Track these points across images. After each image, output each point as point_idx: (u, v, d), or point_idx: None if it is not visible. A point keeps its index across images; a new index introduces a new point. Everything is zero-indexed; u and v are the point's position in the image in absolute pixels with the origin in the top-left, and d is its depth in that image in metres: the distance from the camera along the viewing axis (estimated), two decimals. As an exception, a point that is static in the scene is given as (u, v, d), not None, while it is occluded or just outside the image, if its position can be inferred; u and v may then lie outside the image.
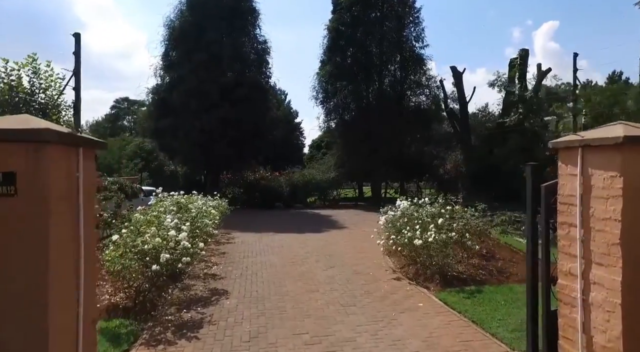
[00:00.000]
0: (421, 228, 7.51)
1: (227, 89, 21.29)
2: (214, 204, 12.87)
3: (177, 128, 20.97)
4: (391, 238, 7.87)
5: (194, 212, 7.57)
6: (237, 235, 13.19)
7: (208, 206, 9.77)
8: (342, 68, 24.34)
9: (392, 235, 8.13)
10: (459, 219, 8.03)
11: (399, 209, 8.62)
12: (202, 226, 7.86)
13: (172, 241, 5.72)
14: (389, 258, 9.46)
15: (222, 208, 13.02)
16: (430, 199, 8.67)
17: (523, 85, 16.40)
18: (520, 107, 16.16)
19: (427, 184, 26.51)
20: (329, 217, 18.35)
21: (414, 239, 7.25)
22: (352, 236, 12.86)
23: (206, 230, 8.01)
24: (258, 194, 23.95)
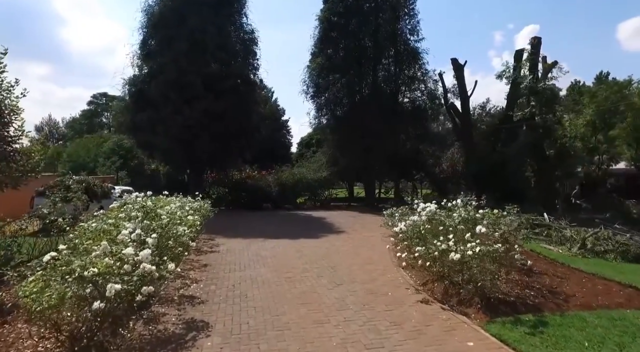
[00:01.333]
0: (456, 238, 5.90)
1: (211, 80, 19.33)
2: (195, 206, 11.04)
3: (156, 122, 18.92)
4: (416, 250, 6.20)
5: (165, 219, 5.76)
6: (222, 241, 11.39)
7: (185, 210, 7.94)
8: (334, 61, 22.69)
9: (417, 246, 6.49)
10: (494, 224, 6.43)
11: (422, 212, 6.94)
12: (176, 237, 6.06)
13: (129, 262, 3.95)
14: (404, 271, 7.86)
15: (204, 211, 11.20)
16: (463, 201, 7.02)
17: (535, 77, 15.06)
18: (532, 100, 14.84)
19: (422, 183, 25.06)
20: (322, 219, 16.67)
21: (449, 251, 5.63)
22: (354, 243, 11.20)
23: (182, 241, 6.21)
24: (245, 194, 22.13)
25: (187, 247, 6.73)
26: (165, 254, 5.38)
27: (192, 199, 12.16)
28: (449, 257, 5.54)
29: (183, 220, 6.82)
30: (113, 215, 5.58)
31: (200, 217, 10.46)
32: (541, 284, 6.35)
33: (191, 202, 11.14)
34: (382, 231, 12.84)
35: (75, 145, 33.82)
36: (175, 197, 10.97)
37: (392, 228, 10.45)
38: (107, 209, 8.77)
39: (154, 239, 4.70)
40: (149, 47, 20.27)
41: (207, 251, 10.03)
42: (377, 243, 10.92)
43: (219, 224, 14.59)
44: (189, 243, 6.50)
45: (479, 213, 6.56)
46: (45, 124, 49.19)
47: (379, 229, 13.25)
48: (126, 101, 20.53)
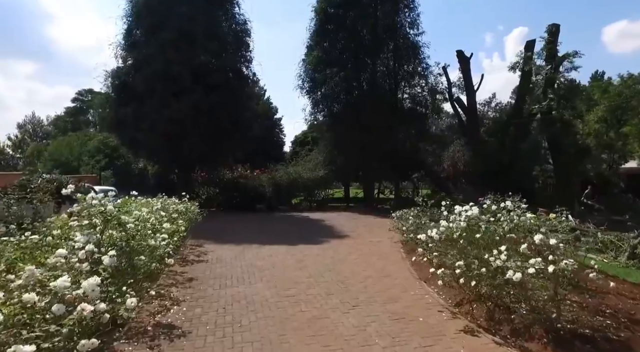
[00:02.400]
0: (511, 251, 4.57)
1: (200, 72, 17.87)
2: (181, 209, 9.60)
3: (141, 117, 17.38)
4: (457, 265, 4.84)
5: (133, 229, 4.31)
6: (211, 248, 9.94)
7: (167, 214, 6.52)
8: (331, 54, 21.34)
9: (454, 258, 5.15)
10: (553, 232, 5.12)
11: (459, 217, 5.59)
12: (151, 251, 4.63)
13: (66, 299, 2.53)
14: (428, 286, 6.54)
15: (191, 214, 9.77)
16: (514, 205, 5.69)
17: (553, 68, 13.90)
18: (550, 93, 13.71)
19: (422, 183, 23.83)
20: (321, 221, 15.30)
21: (505, 270, 4.30)
22: (361, 249, 9.83)
23: (158, 253, 4.80)
24: (237, 194, 20.66)
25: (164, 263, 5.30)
26: (131, 276, 3.95)
27: (179, 200, 10.77)
28: (506, 276, 4.21)
29: (158, 228, 5.36)
30: (59, 224, 4.15)
31: (186, 222, 9.06)
32: (611, 307, 5.06)
33: (176, 203, 9.72)
34: (389, 235, 11.57)
35: (57, 143, 31.95)
36: (158, 199, 9.54)
37: (408, 234, 9.19)
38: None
39: (112, 258, 3.29)
40: (134, 37, 18.71)
41: (193, 260, 8.58)
42: (388, 250, 9.59)
43: (208, 227, 13.18)
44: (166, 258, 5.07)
45: (532, 218, 5.24)
46: (28, 122, 46.97)
47: (385, 233, 11.97)
48: (109, 95, 18.89)
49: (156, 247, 4.72)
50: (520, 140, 16.88)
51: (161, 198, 9.68)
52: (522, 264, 4.33)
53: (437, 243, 5.71)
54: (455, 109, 20.00)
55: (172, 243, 6.09)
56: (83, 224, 3.84)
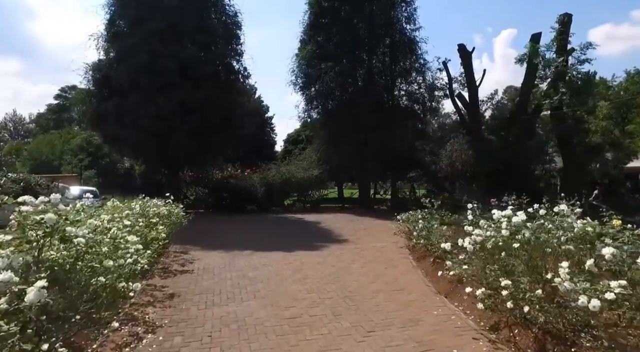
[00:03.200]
0: (575, 268, 3.60)
1: (188, 66, 16.69)
2: (164, 212, 8.49)
3: (124, 113, 16.14)
4: (504, 285, 3.83)
5: (83, 245, 3.18)
6: (198, 256, 8.84)
7: (128, 224, 5.39)
8: (326, 48, 20.33)
9: (491, 275, 4.15)
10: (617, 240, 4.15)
11: (499, 224, 4.57)
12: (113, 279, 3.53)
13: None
14: (451, 302, 5.57)
15: (175, 218, 8.66)
16: (571, 207, 4.70)
17: (565, 60, 13.00)
18: (561, 87, 12.86)
19: (418, 183, 22.93)
20: (317, 224, 14.26)
21: (575, 293, 3.31)
22: (365, 256, 8.81)
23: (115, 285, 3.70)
24: (227, 195, 19.51)
25: (125, 293, 4.18)
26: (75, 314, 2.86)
27: (162, 202, 9.67)
28: (578, 303, 3.23)
29: (121, 244, 4.23)
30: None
31: (168, 227, 7.96)
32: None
33: (158, 206, 8.59)
34: (392, 239, 10.60)
35: (38, 141, 30.26)
36: (137, 201, 8.43)
37: (418, 239, 8.20)
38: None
39: (39, 293, 2.22)
40: (117, 27, 17.44)
41: (176, 270, 7.47)
42: (395, 257, 8.60)
43: (196, 231, 12.06)
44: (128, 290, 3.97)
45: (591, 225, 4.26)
46: (9, 120, 44.82)
47: (388, 237, 11.00)
48: (89, 90, 17.56)
49: (118, 267, 3.62)
50: (524, 138, 16.07)
51: (141, 200, 8.56)
52: (590, 285, 3.36)
53: (470, 254, 4.70)
54: (456, 105, 19.14)
55: (145, 256, 4.98)
56: (14, 239, 2.76)
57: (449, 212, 10.01)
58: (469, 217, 5.79)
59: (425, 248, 7.98)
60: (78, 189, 17.70)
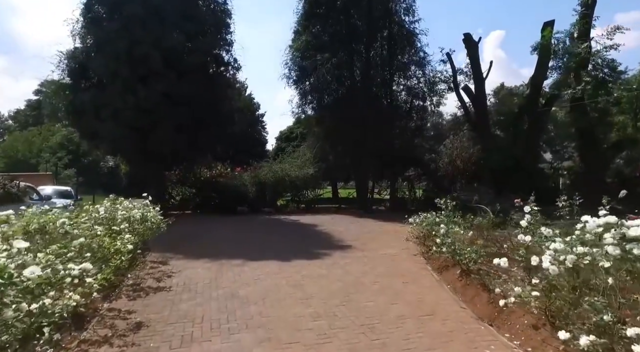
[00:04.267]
0: None
1: (172, 55, 15.16)
2: (138, 216, 7.07)
3: (102, 105, 14.56)
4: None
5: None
6: (179, 266, 7.43)
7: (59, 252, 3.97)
8: (322, 39, 19.00)
9: (601, 311, 2.85)
10: None
11: (593, 235, 3.24)
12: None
13: None
14: (500, 332, 4.28)
15: (150, 223, 7.25)
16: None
17: (588, 47, 11.74)
18: (584, 76, 11.69)
19: (418, 182, 21.65)
20: (314, 227, 12.90)
21: None
22: (375, 266, 7.46)
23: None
24: (216, 195, 18.03)
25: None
26: None
27: (139, 204, 8.24)
28: None
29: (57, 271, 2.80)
30: None
31: (139, 236, 6.55)
32: None
33: (129, 209, 7.17)
34: (402, 244, 9.32)
35: (13, 138, 28.22)
36: (103, 203, 7.01)
37: (440, 247, 6.91)
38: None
39: None
40: (94, 12, 15.81)
41: (150, 288, 6.05)
42: (411, 267, 7.30)
43: (180, 235, 10.66)
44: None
45: None
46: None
47: (396, 242, 9.72)
48: (61, 81, 15.87)
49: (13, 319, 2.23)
50: (535, 134, 14.97)
51: (110, 202, 7.13)
52: None
53: (544, 278, 3.40)
54: (461, 99, 17.95)
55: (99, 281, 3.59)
56: None
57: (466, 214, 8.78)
58: (522, 223, 4.52)
59: (449, 257, 6.69)
60: (51, 189, 16.06)
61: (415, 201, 20.15)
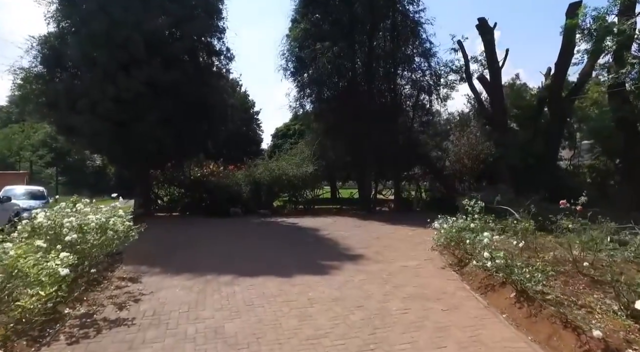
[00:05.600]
0: None
1: (157, 40, 13.53)
2: (91, 224, 5.47)
3: (78, 96, 12.90)
4: None
5: None
6: (152, 285, 5.84)
7: None
8: (322, 27, 17.47)
9: None
10: None
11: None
12: None
13: None
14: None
15: (117, 232, 5.66)
16: None
17: (633, 24, 10.14)
18: (628, 58, 10.16)
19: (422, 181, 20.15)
20: (316, 231, 11.31)
21: None
22: (400, 286, 5.86)
23: None
24: (207, 195, 16.41)
25: None
26: None
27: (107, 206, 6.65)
28: None
29: None
30: None
31: (100, 248, 4.97)
32: None
33: (81, 214, 5.57)
34: (423, 253, 7.80)
35: (-11, 135, 26.43)
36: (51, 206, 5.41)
37: (483, 261, 5.36)
38: None
39: None
40: (70, -7, 14.12)
41: (106, 320, 4.44)
42: (445, 287, 5.74)
43: (161, 242, 9.09)
44: None
45: None
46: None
47: (413, 250, 8.19)
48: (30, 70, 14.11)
49: None
50: (558, 127, 13.53)
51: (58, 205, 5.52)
52: None
53: None
54: (474, 90, 16.46)
55: None
56: None
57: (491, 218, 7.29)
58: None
59: (496, 274, 5.17)
60: (23, 189, 14.37)
61: (420, 202, 18.68)
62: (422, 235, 10.24)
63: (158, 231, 11.80)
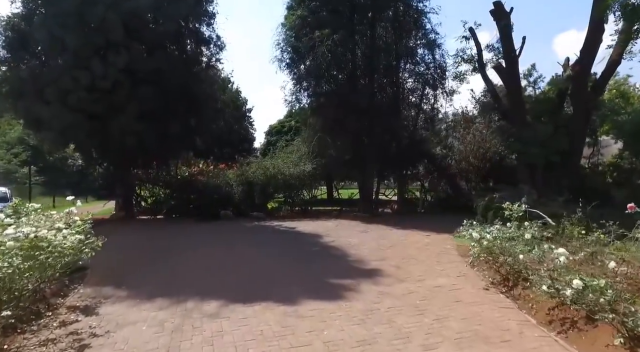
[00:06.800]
0: None
1: (138, 21, 11.98)
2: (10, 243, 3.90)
3: (45, 83, 11.26)
4: None
5: None
6: (111, 318, 4.30)
7: None
8: (320, 14, 16.00)
9: None
10: None
11: None
12: None
13: None
14: None
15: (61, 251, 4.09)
16: None
17: None
18: None
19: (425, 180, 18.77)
20: (319, 238, 9.80)
21: None
22: (443, 318, 4.37)
23: None
24: (194, 196, 14.82)
25: None
26: None
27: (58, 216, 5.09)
28: None
29: None
30: None
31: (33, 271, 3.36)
32: None
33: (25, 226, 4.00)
34: (452, 267, 6.37)
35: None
36: None
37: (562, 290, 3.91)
38: None
39: None
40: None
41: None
42: (503, 320, 4.28)
43: (136, 252, 7.53)
44: None
45: None
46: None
47: (440, 264, 6.75)
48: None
49: None
50: (582, 123, 12.26)
51: None
52: None
53: None
54: (488, 81, 15.11)
55: None
56: None
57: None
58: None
59: (589, 310, 3.74)
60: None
61: (424, 202, 17.32)
62: (440, 242, 8.86)
63: (136, 237, 10.24)
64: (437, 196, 17.62)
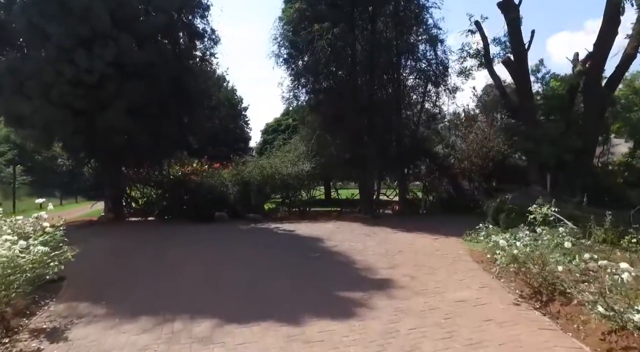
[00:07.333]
0: None
1: (127, 12, 11.19)
2: None
3: (26, 76, 10.46)
4: None
5: None
6: (83, 341, 3.57)
7: None
8: (318, 8, 15.30)
9: None
10: None
11: None
12: None
13: None
14: None
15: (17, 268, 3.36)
16: None
17: None
18: None
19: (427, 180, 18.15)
20: (320, 242, 9.09)
21: None
22: (477, 345, 3.76)
23: None
24: (188, 197, 14.06)
25: None
26: None
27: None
28: None
29: None
30: None
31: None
32: None
33: None
34: (477, 278, 5.66)
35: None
36: None
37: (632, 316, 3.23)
38: None
39: None
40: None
41: None
42: (545, 344, 3.61)
43: (121, 259, 6.79)
44: None
45: None
46: None
47: (456, 272, 6.08)
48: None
49: None
50: (595, 120, 11.67)
51: None
52: None
53: None
54: (494, 76, 14.49)
55: None
56: None
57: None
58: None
59: None
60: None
61: (427, 203, 16.69)
62: (450, 247, 8.22)
63: (124, 241, 9.48)
64: (439, 197, 17.01)
